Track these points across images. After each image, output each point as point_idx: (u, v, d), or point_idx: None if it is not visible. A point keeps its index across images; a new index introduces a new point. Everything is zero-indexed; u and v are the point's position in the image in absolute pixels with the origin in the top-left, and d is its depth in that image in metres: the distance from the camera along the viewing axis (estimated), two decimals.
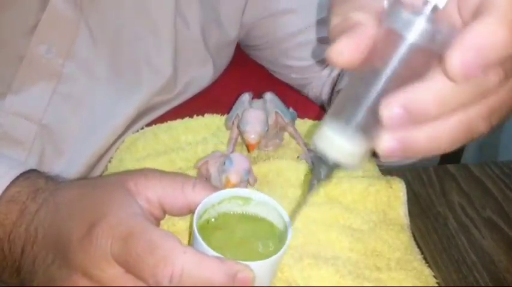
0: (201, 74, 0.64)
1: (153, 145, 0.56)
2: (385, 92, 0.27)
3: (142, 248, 0.33)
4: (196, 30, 0.61)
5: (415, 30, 0.26)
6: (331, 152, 0.29)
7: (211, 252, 0.34)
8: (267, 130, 0.51)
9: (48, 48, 0.55)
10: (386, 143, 0.27)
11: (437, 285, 0.44)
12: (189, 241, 0.43)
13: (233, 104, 0.57)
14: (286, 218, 0.38)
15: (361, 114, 0.28)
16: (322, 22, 0.62)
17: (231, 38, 0.65)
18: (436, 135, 0.27)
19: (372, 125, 0.28)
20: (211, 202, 0.39)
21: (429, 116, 0.26)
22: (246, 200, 0.40)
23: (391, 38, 0.27)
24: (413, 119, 0.26)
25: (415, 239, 0.49)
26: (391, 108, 0.26)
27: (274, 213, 0.40)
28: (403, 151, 0.27)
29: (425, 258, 0.47)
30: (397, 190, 0.50)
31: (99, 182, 0.41)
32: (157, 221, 0.40)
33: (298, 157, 0.54)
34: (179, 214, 0.41)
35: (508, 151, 1.33)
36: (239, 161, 0.46)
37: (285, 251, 0.36)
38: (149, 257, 0.32)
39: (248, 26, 0.66)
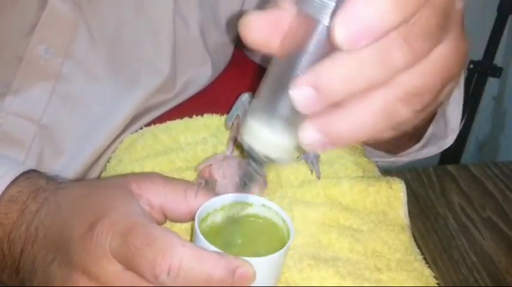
0: (200, 74, 0.63)
1: (152, 145, 0.56)
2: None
3: (141, 242, 0.32)
4: (195, 30, 0.61)
5: (327, 13, 0.25)
6: (258, 146, 0.28)
7: (213, 248, 0.34)
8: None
9: (47, 48, 0.55)
10: (308, 133, 0.26)
11: (437, 286, 0.44)
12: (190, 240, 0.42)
13: (232, 104, 0.57)
14: (288, 220, 0.38)
15: (281, 103, 0.27)
16: None
17: (229, 37, 0.65)
18: (355, 121, 0.26)
19: (293, 113, 0.27)
20: (213, 206, 0.39)
21: (338, 95, 0.26)
22: (247, 205, 0.40)
23: (304, 22, 0.26)
24: (322, 98, 0.25)
25: (414, 240, 0.49)
26: (301, 89, 0.25)
27: (276, 216, 0.40)
28: (326, 141, 0.27)
29: (425, 259, 0.47)
30: (397, 191, 0.50)
31: (101, 182, 0.41)
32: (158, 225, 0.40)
33: (298, 157, 0.54)
34: (181, 220, 0.41)
35: (508, 151, 1.33)
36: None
37: (287, 251, 0.36)
38: (147, 250, 0.32)
39: None
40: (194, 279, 0.32)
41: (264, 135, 0.28)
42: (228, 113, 0.57)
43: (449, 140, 0.57)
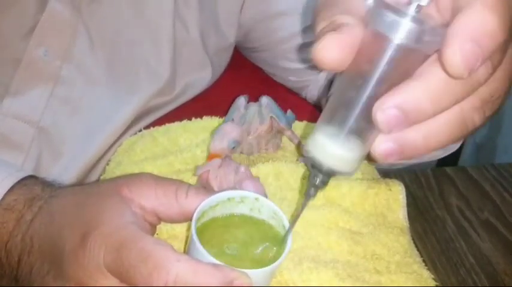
0: (200, 77, 0.63)
1: (151, 147, 0.56)
2: (375, 96, 0.26)
3: (135, 258, 0.32)
4: (195, 34, 0.61)
5: (401, 32, 0.25)
6: (324, 159, 0.29)
7: (209, 257, 0.34)
8: (233, 147, 0.49)
9: (45, 51, 0.54)
10: (383, 145, 0.27)
11: None
12: (185, 245, 0.42)
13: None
14: (284, 218, 0.38)
15: (352, 119, 0.27)
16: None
17: (229, 41, 0.65)
18: (432, 133, 0.27)
19: (364, 129, 0.27)
20: (209, 205, 0.39)
21: (425, 115, 0.26)
22: (242, 199, 0.39)
23: (377, 40, 0.26)
24: (409, 119, 0.26)
25: (413, 242, 0.49)
26: (386, 110, 0.25)
27: (271, 213, 0.39)
28: (401, 152, 0.27)
29: (423, 261, 0.47)
30: (396, 193, 0.50)
31: (93, 189, 0.40)
32: (153, 228, 0.40)
33: (297, 160, 0.54)
34: (173, 221, 0.40)
35: (505, 153, 1.34)
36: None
37: (284, 257, 0.36)
38: (142, 266, 0.32)
39: (245, 28, 0.66)
40: None
41: (331, 149, 0.28)
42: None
43: (457, 144, 0.58)
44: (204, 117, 0.60)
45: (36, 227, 0.38)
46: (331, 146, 0.28)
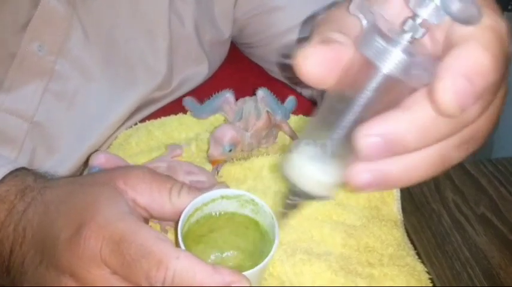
0: (196, 72, 0.63)
1: (147, 141, 0.56)
2: (358, 122, 0.25)
3: (136, 252, 0.32)
4: (191, 28, 0.60)
5: (390, 62, 0.24)
6: (302, 183, 0.28)
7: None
8: (230, 151, 0.49)
9: (40, 46, 0.54)
10: (360, 175, 0.26)
11: (430, 281, 0.44)
12: (175, 240, 0.42)
13: None
14: (273, 216, 0.38)
15: (332, 143, 0.27)
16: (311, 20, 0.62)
17: (225, 36, 0.65)
18: (411, 168, 0.26)
19: (344, 154, 0.27)
20: (202, 202, 0.39)
21: (407, 148, 0.25)
22: (236, 198, 0.39)
23: (365, 65, 0.25)
24: (391, 150, 0.25)
25: (408, 236, 0.49)
26: (369, 137, 0.25)
27: (260, 211, 0.39)
28: (378, 184, 0.26)
29: (419, 254, 0.47)
30: None
31: (87, 179, 0.40)
32: (145, 221, 0.40)
33: None
34: (166, 219, 0.41)
35: (502, 148, 1.34)
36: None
37: (273, 255, 0.35)
38: (143, 261, 0.32)
39: (240, 23, 0.65)
40: None
41: (309, 173, 0.28)
42: None
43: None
44: None
45: (30, 218, 0.38)
46: (310, 170, 0.28)
